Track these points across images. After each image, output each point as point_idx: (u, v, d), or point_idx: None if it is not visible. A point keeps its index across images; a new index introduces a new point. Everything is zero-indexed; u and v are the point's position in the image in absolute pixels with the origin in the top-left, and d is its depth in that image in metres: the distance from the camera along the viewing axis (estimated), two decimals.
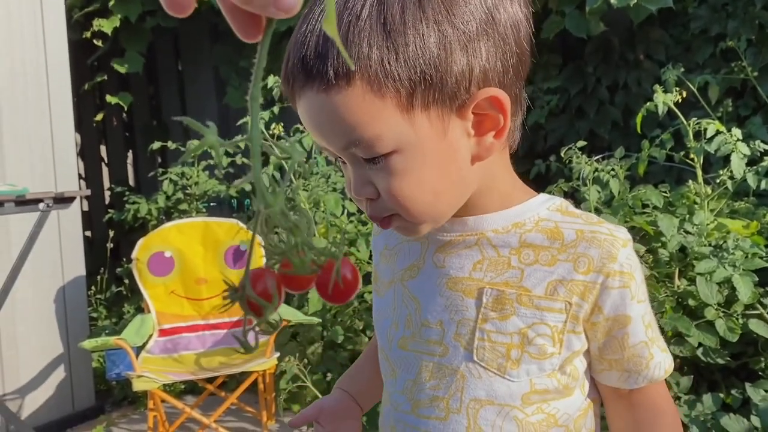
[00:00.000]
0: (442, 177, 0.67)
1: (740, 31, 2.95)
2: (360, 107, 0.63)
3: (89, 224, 4.97)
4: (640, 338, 0.72)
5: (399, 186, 0.66)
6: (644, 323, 0.72)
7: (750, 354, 2.08)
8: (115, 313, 3.99)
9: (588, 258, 0.70)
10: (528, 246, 0.71)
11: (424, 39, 0.62)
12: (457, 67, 0.64)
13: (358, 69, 0.62)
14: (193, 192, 3.66)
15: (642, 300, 0.72)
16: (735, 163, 2.16)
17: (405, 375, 0.76)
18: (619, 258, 0.70)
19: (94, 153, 5.17)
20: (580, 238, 0.70)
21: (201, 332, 2.87)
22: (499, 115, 0.67)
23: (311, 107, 0.64)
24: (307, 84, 0.64)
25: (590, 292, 0.69)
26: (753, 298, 1.95)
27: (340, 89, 0.62)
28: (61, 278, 3.14)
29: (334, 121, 0.64)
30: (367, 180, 0.67)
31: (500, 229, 0.73)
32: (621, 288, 0.70)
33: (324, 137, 0.66)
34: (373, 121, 0.63)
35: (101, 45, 4.35)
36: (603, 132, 3.41)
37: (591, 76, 3.45)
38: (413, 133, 0.65)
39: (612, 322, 0.71)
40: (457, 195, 0.70)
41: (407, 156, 0.65)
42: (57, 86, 3.17)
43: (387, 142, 0.64)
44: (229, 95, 4.41)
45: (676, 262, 2.19)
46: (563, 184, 2.49)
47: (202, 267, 2.90)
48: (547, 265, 0.70)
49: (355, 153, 0.65)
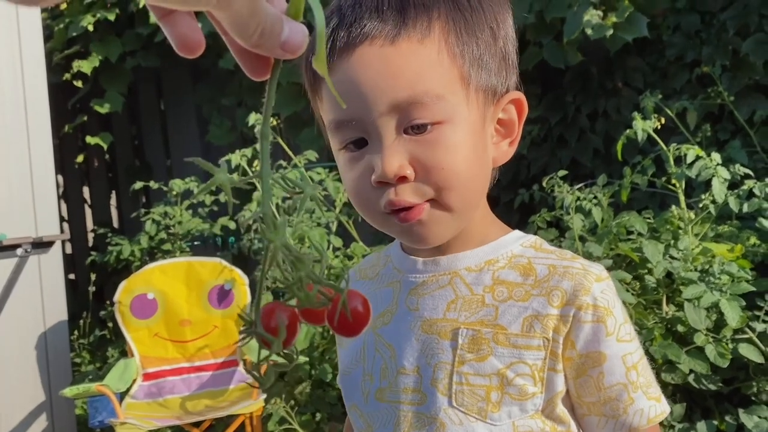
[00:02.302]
0: (477, 164, 0.67)
1: (715, 57, 2.99)
2: (432, 61, 0.64)
3: (73, 267, 4.90)
4: (618, 379, 0.68)
5: (451, 159, 0.64)
6: (625, 364, 0.68)
7: (742, 379, 2.06)
8: (99, 357, 3.91)
9: (561, 291, 0.68)
10: (501, 283, 0.70)
11: (497, 24, 0.68)
12: (510, 62, 0.70)
13: (439, 24, 0.64)
14: (176, 231, 3.63)
15: (623, 339, 0.69)
16: (716, 188, 2.17)
17: (382, 430, 0.73)
18: (592, 291, 0.68)
19: (77, 195, 5.13)
20: (552, 273, 0.69)
21: (186, 375, 2.82)
22: (515, 121, 0.71)
23: (374, 58, 0.63)
24: (381, 30, 0.63)
25: (564, 326, 0.67)
26: (741, 322, 1.94)
27: (418, 38, 0.63)
28: (43, 324, 3.08)
29: (400, 72, 0.63)
30: (405, 155, 0.64)
31: (473, 267, 0.71)
32: (595, 323, 0.67)
33: (380, 90, 0.63)
34: (440, 80, 0.64)
35: (81, 86, 4.34)
36: (585, 160, 3.43)
37: (571, 105, 3.48)
38: (467, 109, 0.66)
39: (585, 359, 0.68)
40: (482, 189, 0.70)
41: (457, 130, 0.65)
42: (36, 129, 3.15)
43: (446, 107, 0.64)
44: (211, 133, 4.41)
45: (663, 288, 2.18)
46: (546, 213, 2.48)
47: (185, 308, 2.86)
48: (521, 300, 0.69)
49: (405, 115, 0.63)
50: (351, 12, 0.65)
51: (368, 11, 0.64)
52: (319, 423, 2.61)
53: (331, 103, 0.67)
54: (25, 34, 3.15)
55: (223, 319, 2.83)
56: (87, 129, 4.83)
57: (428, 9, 0.64)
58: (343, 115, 0.66)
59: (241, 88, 4.15)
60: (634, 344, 0.70)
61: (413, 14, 0.64)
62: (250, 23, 0.36)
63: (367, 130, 0.65)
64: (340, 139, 0.68)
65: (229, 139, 4.27)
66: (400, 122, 0.64)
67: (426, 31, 0.64)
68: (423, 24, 0.64)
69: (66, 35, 4.19)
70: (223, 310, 2.83)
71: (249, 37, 0.37)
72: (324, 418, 2.54)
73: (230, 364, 2.82)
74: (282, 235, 0.38)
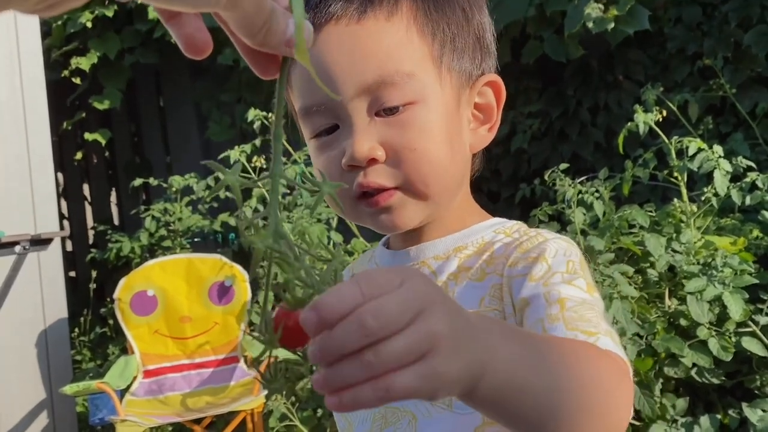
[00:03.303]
0: (453, 146, 0.65)
1: (716, 49, 2.97)
2: (401, 39, 0.62)
3: (73, 264, 4.89)
4: (537, 317, 0.60)
5: (423, 139, 0.62)
6: (548, 301, 0.60)
7: (745, 372, 2.05)
8: (100, 354, 3.90)
9: (506, 258, 0.65)
10: (465, 269, 0.68)
11: (470, 6, 0.67)
12: (486, 46, 0.68)
13: (406, 2, 0.63)
14: (176, 228, 3.62)
15: (552, 283, 0.61)
16: (718, 180, 2.15)
17: (361, 427, 0.71)
18: (528, 248, 0.64)
19: (77, 192, 5.12)
20: (506, 247, 0.67)
21: (186, 372, 2.81)
22: (493, 106, 0.69)
23: (342, 36, 0.62)
24: (346, 9, 0.61)
25: (503, 289, 0.64)
26: (744, 315, 1.93)
27: (384, 16, 0.62)
28: (43, 321, 3.07)
29: (369, 52, 0.61)
30: (376, 137, 0.62)
31: (441, 255, 0.69)
32: (522, 276, 0.63)
33: (348, 73, 0.62)
34: (410, 58, 0.62)
35: (80, 83, 4.33)
36: (586, 154, 3.41)
37: (571, 98, 3.46)
38: (440, 88, 0.64)
39: (517, 313, 0.62)
40: (458, 175, 0.68)
41: (430, 110, 0.63)
42: (35, 126, 3.14)
43: (417, 86, 0.62)
44: (210, 129, 4.40)
45: (665, 281, 2.17)
46: (547, 207, 2.47)
47: (186, 305, 2.85)
48: (477, 280, 0.66)
49: (376, 97, 0.62)
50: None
51: None
52: (321, 419, 2.60)
53: (301, 90, 0.66)
54: (23, 31, 3.14)
55: (224, 316, 2.82)
56: (86, 126, 4.81)
57: None
58: (313, 101, 0.64)
59: (240, 84, 4.14)
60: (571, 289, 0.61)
61: None
62: (257, 22, 0.37)
63: (337, 114, 0.64)
64: (312, 127, 0.66)
65: (228, 135, 4.26)
66: (371, 105, 0.63)
67: (393, 9, 0.63)
68: (390, 1, 0.63)
69: (64, 32, 4.18)
70: (224, 307, 2.82)
71: (255, 35, 0.37)
72: (325, 415, 2.53)
73: (231, 360, 2.81)
74: (266, 237, 0.38)
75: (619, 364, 0.55)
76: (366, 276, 0.38)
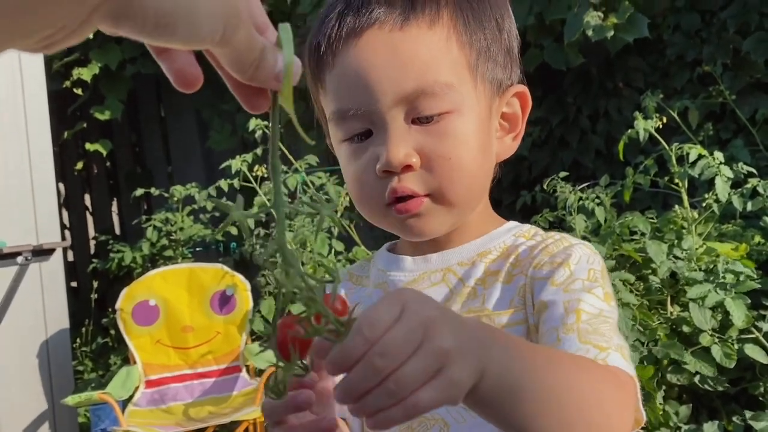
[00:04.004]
0: (482, 157, 0.66)
1: (715, 56, 2.98)
2: (441, 48, 0.63)
3: (75, 274, 4.89)
4: (552, 324, 0.61)
5: (458, 149, 0.63)
6: (566, 309, 0.61)
7: (748, 379, 2.05)
8: (102, 365, 3.90)
9: (530, 259, 0.67)
10: (492, 273, 0.69)
11: (502, 17, 0.68)
12: (514, 56, 0.69)
13: (447, 11, 0.63)
14: (178, 238, 3.62)
15: (575, 290, 0.62)
16: (719, 187, 2.15)
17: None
18: (554, 252, 0.66)
19: (78, 202, 5.13)
20: (531, 250, 0.68)
21: (189, 382, 2.80)
22: (519, 115, 0.70)
23: (384, 42, 0.62)
24: (389, 15, 0.62)
25: (527, 291, 0.66)
26: (747, 321, 1.92)
27: (427, 24, 0.62)
28: (44, 332, 3.07)
29: (410, 60, 0.62)
30: (411, 144, 0.63)
31: (466, 261, 0.70)
32: (545, 279, 0.64)
33: (388, 80, 0.62)
34: (449, 68, 0.63)
35: (81, 94, 4.34)
36: (587, 161, 3.42)
37: (572, 106, 3.47)
38: (475, 99, 0.65)
39: (536, 314, 0.64)
40: (485, 184, 0.69)
41: (466, 120, 0.64)
42: (36, 136, 3.15)
43: (454, 96, 0.63)
44: (211, 139, 4.40)
45: (667, 288, 2.17)
46: (548, 213, 2.47)
47: (188, 314, 2.85)
48: (506, 282, 0.67)
49: (413, 106, 0.62)
50: None
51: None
52: None
53: (338, 93, 0.66)
54: None
55: (226, 325, 2.82)
56: (87, 136, 4.83)
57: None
58: (349, 105, 0.64)
59: None
60: (591, 298, 0.62)
61: (422, 0, 0.63)
62: (247, 57, 0.38)
63: (372, 120, 0.64)
64: (345, 130, 0.66)
65: (229, 144, 4.27)
66: (408, 113, 0.63)
67: (435, 17, 0.63)
68: (432, 10, 0.63)
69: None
70: (225, 316, 2.82)
71: (245, 71, 0.38)
72: None
73: (233, 370, 2.80)
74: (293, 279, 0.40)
75: (622, 381, 0.56)
76: (366, 320, 0.41)
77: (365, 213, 0.69)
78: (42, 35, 0.30)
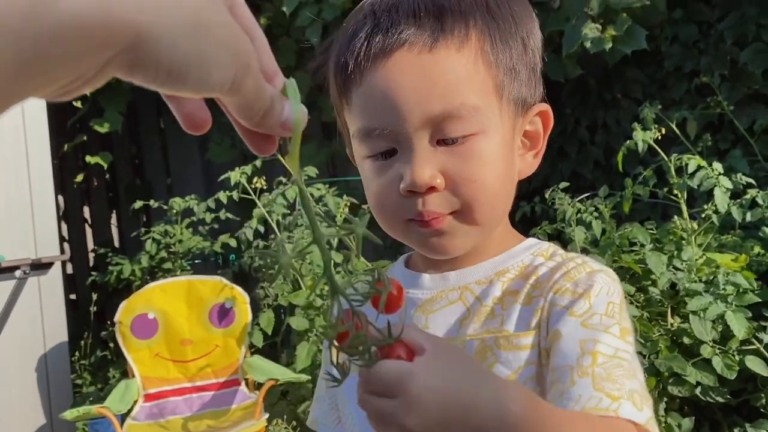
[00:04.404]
0: (505, 176, 0.67)
1: (713, 67, 2.99)
2: (469, 71, 0.63)
3: (74, 287, 4.88)
4: (568, 362, 0.60)
5: (483, 171, 0.63)
6: (582, 349, 0.60)
7: (750, 390, 2.04)
8: (101, 378, 3.88)
9: (551, 282, 0.67)
10: (510, 293, 0.68)
11: (527, 34, 0.68)
12: (538, 73, 0.69)
13: (475, 32, 0.63)
14: (177, 250, 3.61)
15: (591, 326, 0.62)
16: (719, 197, 2.15)
17: None
18: (576, 278, 0.65)
19: (77, 215, 5.12)
20: (552, 272, 0.68)
21: (188, 395, 2.79)
22: (541, 133, 0.70)
23: (413, 64, 0.62)
24: (418, 36, 0.62)
25: (543, 313, 0.65)
26: (748, 333, 1.92)
27: (456, 47, 0.62)
28: (43, 345, 3.06)
29: (438, 82, 0.62)
30: (437, 166, 0.63)
31: (483, 279, 0.70)
32: (565, 307, 0.64)
33: (416, 101, 0.62)
34: (476, 91, 0.63)
35: (80, 106, 4.35)
36: (586, 172, 3.42)
37: (570, 117, 3.48)
38: (499, 119, 0.65)
39: (549, 342, 0.63)
40: (508, 203, 0.69)
41: (491, 142, 0.64)
42: (36, 149, 3.15)
43: (481, 119, 0.63)
44: (211, 151, 4.41)
45: (667, 299, 2.16)
46: (547, 226, 2.47)
47: (186, 327, 2.83)
48: (526, 304, 0.67)
49: (439, 127, 0.62)
50: (387, 17, 0.64)
51: (405, 16, 0.63)
52: None
53: (365, 111, 0.66)
54: None
55: (225, 338, 2.81)
56: (87, 148, 4.83)
57: (465, 16, 0.64)
58: (376, 124, 0.65)
59: None
60: (608, 338, 0.61)
61: (451, 21, 0.63)
62: (255, 105, 0.39)
63: (398, 140, 0.64)
64: (370, 148, 0.66)
65: (229, 156, 4.27)
66: (434, 134, 0.63)
67: (464, 39, 0.63)
68: (461, 31, 0.63)
69: None
70: (224, 329, 2.81)
71: (252, 117, 0.39)
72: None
73: (232, 383, 2.79)
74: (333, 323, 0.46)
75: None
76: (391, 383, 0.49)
77: (386, 227, 0.68)
78: (60, 85, 0.32)
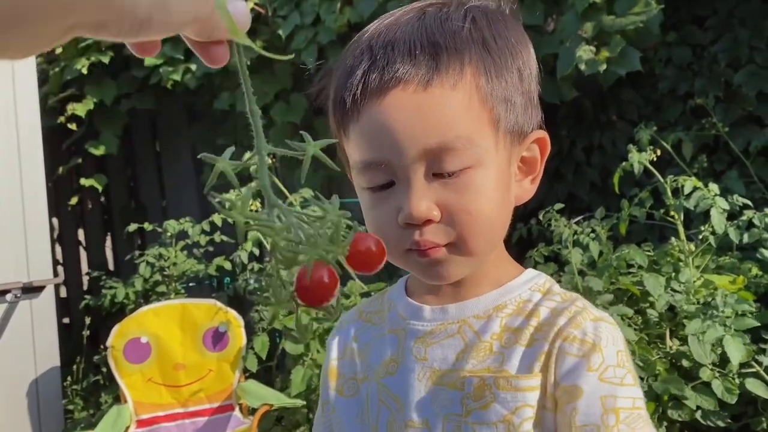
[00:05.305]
0: (501, 205, 0.68)
1: (707, 89, 3.00)
2: (464, 107, 0.64)
3: (67, 311, 4.83)
4: (592, 420, 0.62)
5: (478, 203, 0.64)
6: (604, 406, 0.62)
7: (750, 414, 2.01)
8: (93, 403, 3.82)
9: (556, 327, 0.67)
10: (509, 329, 0.68)
11: (523, 63, 0.69)
12: (534, 100, 0.70)
13: (470, 68, 0.65)
14: (171, 273, 3.58)
15: (609, 380, 0.63)
16: (715, 219, 2.14)
17: None
18: (583, 326, 0.66)
19: (71, 237, 5.10)
20: (553, 315, 0.68)
21: (181, 420, 2.74)
22: (538, 159, 0.71)
23: (409, 102, 0.63)
24: (413, 75, 0.63)
25: (551, 359, 0.65)
26: (747, 356, 1.89)
27: (450, 85, 0.64)
28: (34, 370, 3.01)
29: (433, 118, 0.63)
30: (433, 198, 0.64)
31: (481, 314, 0.70)
32: (579, 357, 0.64)
33: (412, 136, 0.63)
34: (471, 124, 0.64)
35: (76, 129, 4.34)
36: (582, 193, 3.42)
37: (566, 138, 3.48)
38: (495, 151, 0.66)
39: (563, 393, 0.64)
40: (503, 231, 0.70)
41: (486, 173, 0.65)
42: (30, 173, 3.14)
43: (476, 151, 0.64)
44: (206, 174, 4.39)
45: (665, 321, 2.14)
46: (544, 248, 2.46)
47: (180, 352, 2.80)
48: (526, 345, 0.67)
49: (435, 161, 0.63)
50: (383, 54, 0.65)
51: (401, 55, 0.64)
52: None
53: (363, 145, 0.67)
54: (20, 79, 3.16)
55: (218, 362, 2.77)
56: (82, 171, 4.82)
57: (460, 53, 0.65)
58: (373, 157, 0.66)
59: (236, 128, 4.16)
60: (624, 391, 0.64)
61: (446, 59, 0.64)
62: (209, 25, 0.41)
63: (395, 172, 0.66)
64: (368, 180, 0.68)
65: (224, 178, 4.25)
66: (429, 167, 0.64)
67: (458, 76, 0.64)
68: (455, 69, 0.64)
69: (61, 79, 4.21)
70: (218, 353, 2.77)
71: (209, 35, 0.41)
72: None
73: (226, 408, 2.75)
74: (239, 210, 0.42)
75: None
76: None
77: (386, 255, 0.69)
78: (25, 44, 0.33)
